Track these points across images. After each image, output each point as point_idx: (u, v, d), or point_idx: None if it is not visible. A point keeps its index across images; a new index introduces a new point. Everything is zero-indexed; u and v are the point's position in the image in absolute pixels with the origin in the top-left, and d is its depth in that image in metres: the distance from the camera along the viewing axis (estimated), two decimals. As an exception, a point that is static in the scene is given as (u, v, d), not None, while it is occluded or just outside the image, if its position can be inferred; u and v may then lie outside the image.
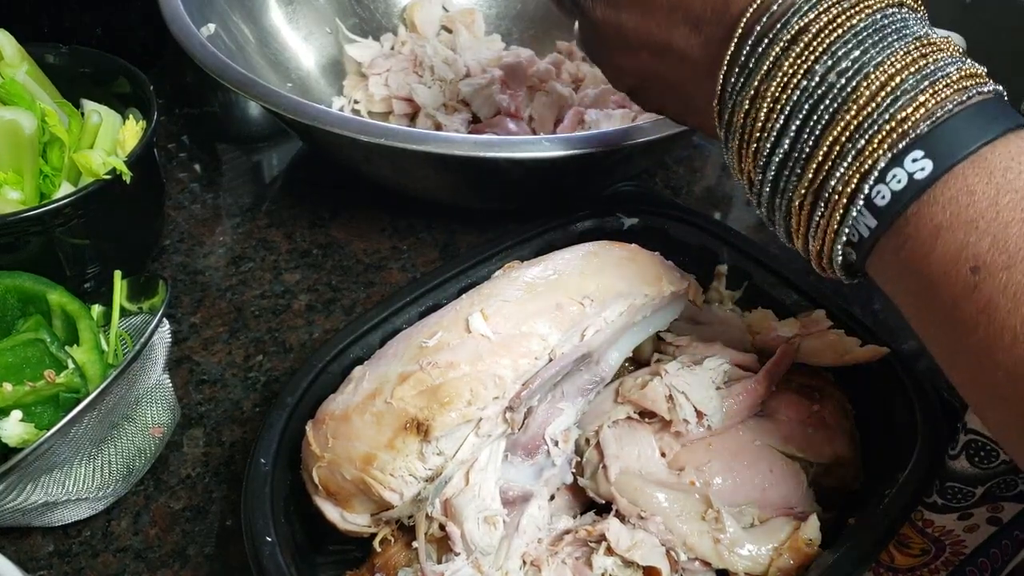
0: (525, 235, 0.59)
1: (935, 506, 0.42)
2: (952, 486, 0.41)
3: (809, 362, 0.52)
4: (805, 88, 0.35)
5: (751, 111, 0.37)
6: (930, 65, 0.33)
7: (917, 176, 0.32)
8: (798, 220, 0.37)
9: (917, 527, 0.43)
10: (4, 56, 0.62)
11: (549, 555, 0.45)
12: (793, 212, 0.37)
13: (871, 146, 0.33)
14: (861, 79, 0.34)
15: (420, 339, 0.46)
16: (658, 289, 0.50)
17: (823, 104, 0.34)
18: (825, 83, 0.34)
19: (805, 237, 0.37)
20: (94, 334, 0.53)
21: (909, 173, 0.32)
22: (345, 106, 0.83)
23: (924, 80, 0.33)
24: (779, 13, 0.36)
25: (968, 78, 0.33)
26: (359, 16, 0.88)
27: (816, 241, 0.36)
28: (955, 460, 0.40)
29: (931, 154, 0.32)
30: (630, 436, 0.48)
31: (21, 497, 0.47)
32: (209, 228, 0.73)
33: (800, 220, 0.37)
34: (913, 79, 0.33)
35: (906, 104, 0.33)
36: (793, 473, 0.48)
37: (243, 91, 0.63)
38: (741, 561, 0.44)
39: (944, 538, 0.42)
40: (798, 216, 0.37)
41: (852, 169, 0.34)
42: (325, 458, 0.45)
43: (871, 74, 0.34)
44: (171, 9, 0.69)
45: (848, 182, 0.34)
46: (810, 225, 0.36)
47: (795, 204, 0.36)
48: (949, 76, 0.33)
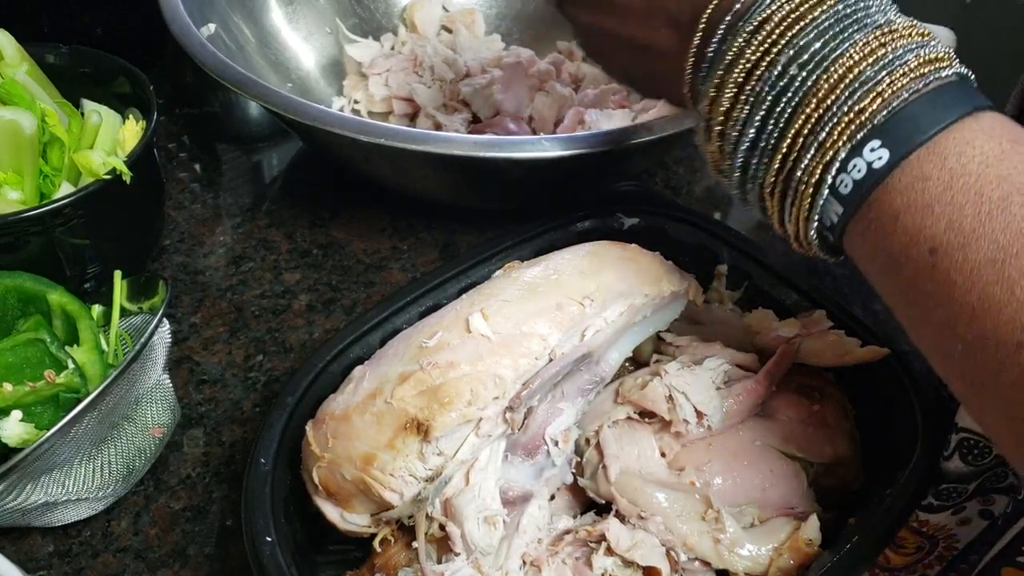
0: (525, 235, 0.59)
1: (930, 507, 0.42)
2: (947, 488, 0.41)
3: (809, 362, 0.52)
4: (767, 79, 0.36)
5: (716, 100, 0.38)
6: (889, 54, 0.34)
7: (875, 165, 0.33)
8: (771, 206, 0.38)
9: (912, 528, 0.43)
10: (4, 56, 0.62)
11: (549, 555, 0.45)
12: (765, 198, 0.38)
13: (832, 137, 0.34)
14: (821, 72, 0.35)
15: (420, 339, 0.46)
16: (658, 289, 0.50)
17: (785, 97, 0.36)
18: (787, 75, 0.36)
19: (780, 221, 0.38)
20: (94, 334, 0.53)
21: (868, 163, 0.34)
22: (345, 106, 0.83)
23: (882, 70, 0.34)
24: (744, 6, 0.37)
25: (927, 64, 0.34)
26: (359, 16, 0.88)
27: (791, 225, 0.38)
28: (948, 461, 0.40)
29: (888, 143, 0.33)
30: (630, 436, 0.48)
31: (21, 497, 0.47)
32: (209, 228, 0.73)
33: (772, 206, 0.38)
34: (871, 70, 0.34)
35: (864, 95, 0.34)
36: (793, 473, 0.48)
37: (243, 91, 0.63)
38: (741, 561, 0.44)
39: (937, 534, 0.42)
40: (770, 202, 0.38)
41: (815, 160, 0.35)
42: (325, 458, 0.45)
43: (830, 67, 0.35)
44: (171, 9, 0.69)
45: (812, 172, 0.35)
46: (782, 210, 0.38)
47: (766, 191, 0.38)
48: (907, 64, 0.34)
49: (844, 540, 0.43)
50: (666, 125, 0.62)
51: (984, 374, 0.31)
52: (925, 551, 0.43)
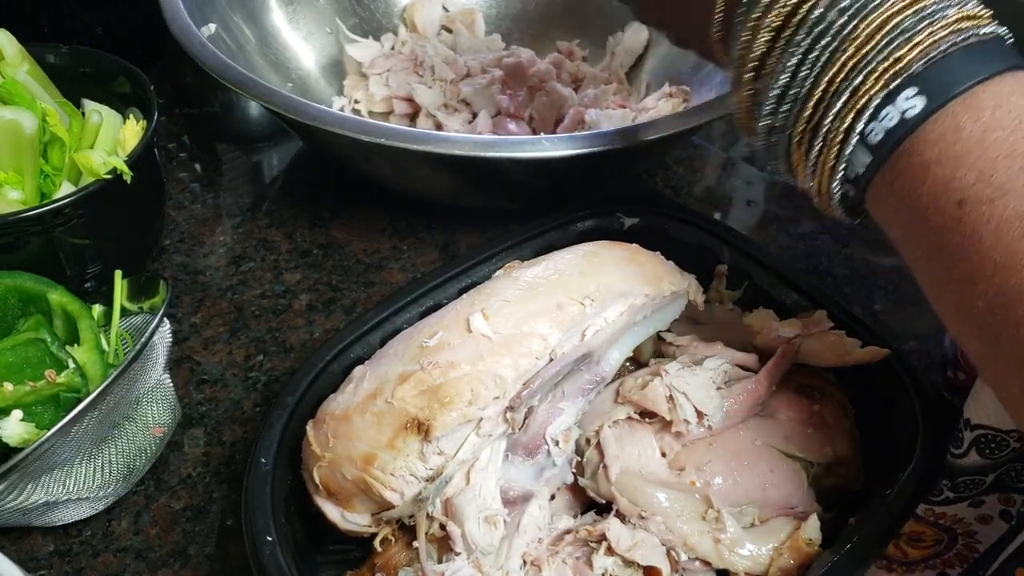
0: (525, 235, 0.59)
1: (947, 500, 0.42)
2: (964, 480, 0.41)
3: (810, 363, 0.52)
4: (805, 23, 0.36)
5: (750, 44, 0.38)
6: (929, 6, 0.34)
7: (909, 114, 0.33)
8: (797, 156, 0.38)
9: (928, 521, 0.43)
10: (5, 56, 0.62)
11: (549, 555, 0.45)
12: (793, 149, 0.38)
13: (867, 84, 0.34)
14: (860, 20, 0.34)
15: (420, 339, 0.46)
16: (658, 289, 0.50)
17: (822, 42, 0.35)
18: (825, 20, 0.35)
19: (805, 175, 0.38)
20: (95, 334, 0.53)
21: (902, 111, 0.33)
22: (345, 106, 0.83)
23: (922, 21, 0.34)
24: None
25: (966, 19, 0.34)
26: (359, 16, 0.88)
27: (815, 178, 0.37)
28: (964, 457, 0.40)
29: (924, 92, 0.33)
30: (630, 436, 0.48)
31: (22, 497, 0.47)
32: (209, 228, 0.73)
33: (799, 157, 0.38)
34: (911, 19, 0.34)
35: (902, 44, 0.34)
36: (793, 473, 0.48)
37: (243, 91, 0.63)
38: (741, 561, 0.45)
39: (956, 527, 0.42)
40: (797, 152, 0.38)
41: (848, 107, 0.35)
42: (326, 458, 0.45)
43: (870, 15, 0.34)
44: (171, 9, 0.69)
45: (843, 119, 0.35)
46: (808, 162, 0.37)
47: (794, 141, 0.37)
48: (947, 16, 0.34)
49: (844, 540, 0.43)
50: (667, 125, 0.62)
51: (1004, 329, 0.31)
52: (944, 544, 0.43)
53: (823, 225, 0.74)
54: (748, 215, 0.77)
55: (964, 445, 0.40)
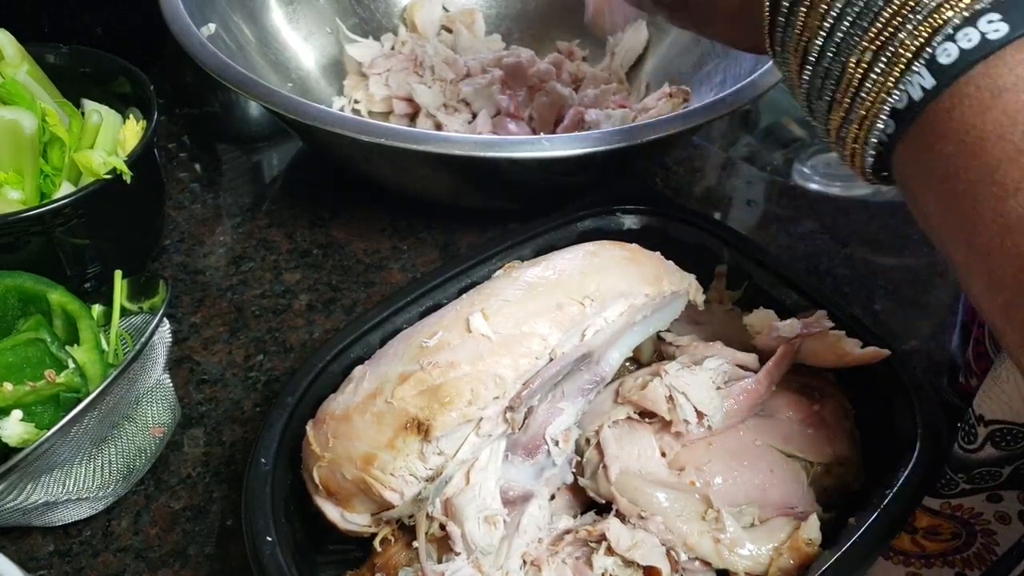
0: (525, 235, 0.59)
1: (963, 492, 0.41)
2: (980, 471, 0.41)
3: (809, 363, 0.52)
4: None
5: None
6: None
7: (990, 36, 0.32)
8: (848, 83, 0.36)
9: (944, 514, 0.42)
10: (5, 56, 0.62)
11: (549, 555, 0.45)
12: (846, 75, 0.36)
13: (948, 3, 0.33)
14: None
15: (420, 339, 0.46)
16: (658, 289, 0.50)
17: None
18: None
19: (850, 105, 0.36)
20: (94, 334, 0.53)
21: (982, 33, 0.32)
22: (345, 106, 0.83)
23: None
24: None
25: None
26: (359, 16, 0.88)
27: (861, 107, 0.36)
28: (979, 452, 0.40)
29: (1007, 19, 0.32)
30: (630, 436, 0.48)
31: (21, 497, 0.47)
32: (209, 228, 0.73)
33: (851, 83, 0.36)
34: None
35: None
36: (793, 473, 0.48)
37: (243, 91, 0.63)
38: (741, 561, 0.44)
39: (973, 521, 0.42)
40: (850, 78, 0.36)
41: (925, 24, 0.33)
42: (325, 458, 0.45)
43: None
44: (171, 9, 0.69)
45: (917, 36, 0.33)
46: (861, 87, 0.35)
47: (852, 61, 0.36)
48: None
49: (844, 540, 0.43)
50: (667, 125, 0.62)
51: None
52: (962, 540, 0.43)
53: (823, 225, 0.74)
54: (748, 215, 0.77)
55: (978, 440, 0.40)
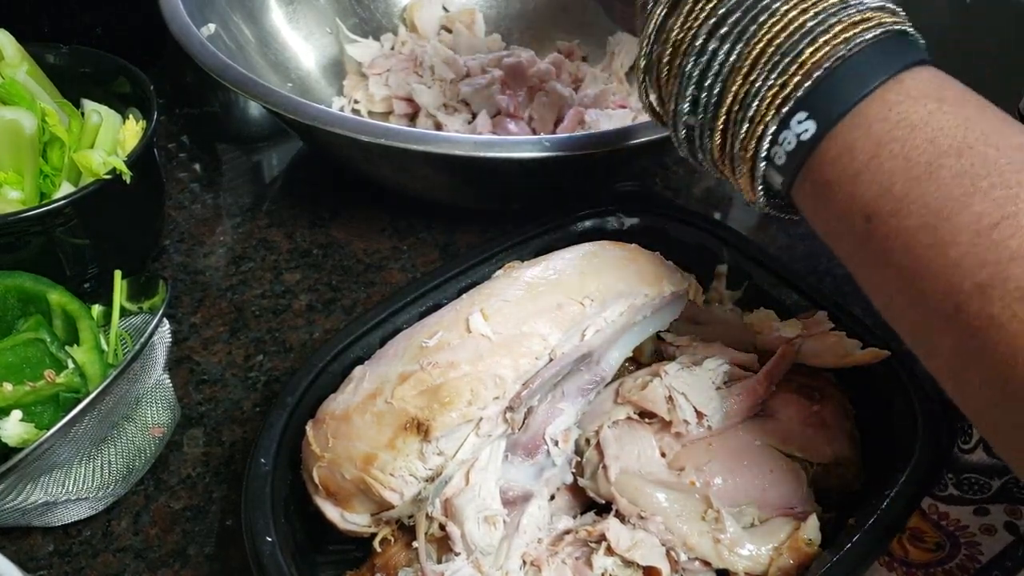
0: (525, 235, 0.59)
1: (951, 498, 0.41)
2: (969, 477, 0.41)
3: (810, 363, 0.52)
4: (690, 53, 0.36)
5: (656, 73, 0.39)
6: (809, 21, 0.33)
7: (803, 137, 0.33)
8: (720, 171, 0.39)
9: (932, 520, 0.43)
10: (4, 56, 0.62)
11: (549, 555, 0.45)
12: (717, 166, 0.39)
13: (760, 112, 0.34)
14: (743, 46, 0.34)
15: (420, 339, 0.46)
16: (658, 289, 0.50)
17: (711, 72, 0.35)
18: (707, 51, 0.35)
19: (737, 186, 0.39)
20: (94, 334, 0.53)
21: (796, 135, 0.33)
22: (345, 106, 0.83)
23: (803, 39, 0.33)
24: None
25: (852, 27, 0.33)
26: (359, 16, 0.88)
27: (745, 192, 0.38)
28: (971, 453, 0.40)
29: (813, 115, 0.33)
30: (630, 436, 0.48)
31: (21, 497, 0.47)
32: (209, 228, 0.73)
33: (725, 173, 0.39)
34: (792, 39, 0.33)
35: (787, 67, 0.33)
36: (793, 473, 0.48)
37: (243, 91, 0.63)
38: (741, 561, 0.44)
39: (959, 534, 0.42)
40: (722, 169, 0.39)
41: (748, 135, 0.35)
42: (325, 458, 0.45)
43: (751, 40, 0.34)
44: (171, 9, 0.69)
45: (747, 147, 0.35)
46: (734, 176, 0.38)
47: (716, 161, 0.38)
48: (830, 30, 0.33)
49: (844, 540, 0.43)
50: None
51: (927, 335, 0.31)
52: (946, 552, 0.43)
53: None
54: (748, 215, 0.76)
55: (972, 441, 0.40)
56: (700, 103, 0.37)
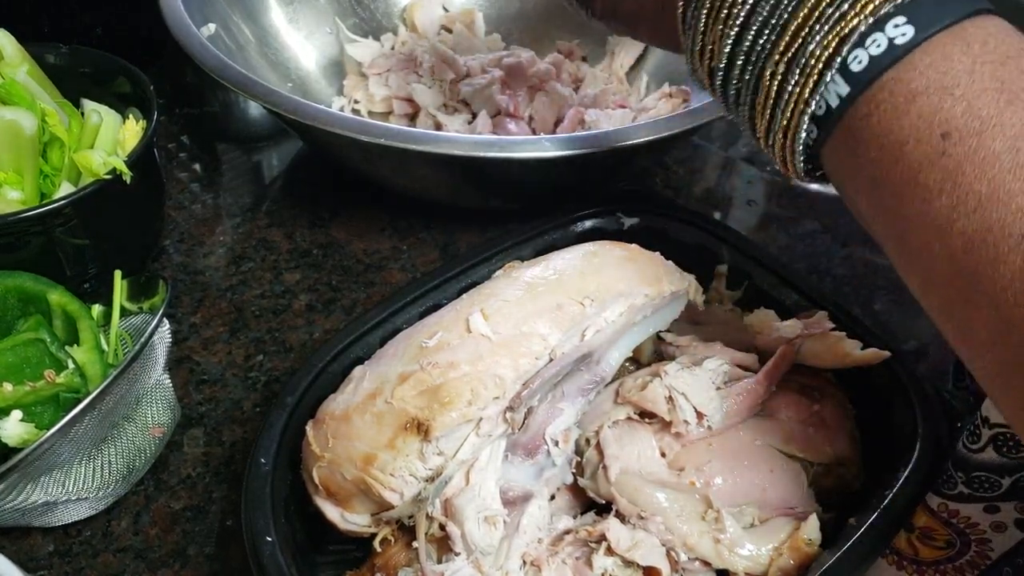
0: (525, 235, 0.59)
1: (961, 496, 0.41)
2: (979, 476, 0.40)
3: (810, 364, 0.52)
4: None
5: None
6: None
7: (898, 41, 0.32)
8: (767, 94, 0.36)
9: (942, 518, 0.42)
10: (4, 56, 0.62)
11: (549, 555, 0.45)
12: (763, 86, 0.36)
13: (853, 10, 0.33)
14: None
15: (420, 339, 0.46)
16: (658, 289, 0.50)
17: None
18: None
19: (772, 114, 0.36)
20: (94, 334, 0.53)
21: (890, 38, 0.32)
22: (345, 106, 0.83)
23: None
24: None
25: None
26: (359, 16, 0.88)
27: (783, 118, 0.36)
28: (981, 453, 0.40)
29: (913, 21, 0.32)
30: (630, 436, 0.48)
31: (21, 497, 0.47)
32: (209, 228, 0.73)
33: (769, 94, 0.36)
34: None
35: None
36: (793, 473, 0.48)
37: (243, 91, 0.63)
38: (741, 561, 0.44)
39: (969, 531, 0.42)
40: (767, 89, 0.36)
41: (832, 33, 0.33)
42: (325, 458, 0.45)
43: None
44: (171, 9, 0.69)
45: (827, 46, 0.33)
46: (779, 98, 0.36)
47: (766, 74, 0.36)
48: None
49: (844, 540, 0.43)
50: (667, 125, 0.62)
51: (983, 268, 0.30)
52: (956, 549, 0.43)
53: (823, 225, 0.74)
54: (748, 215, 0.77)
55: (981, 441, 0.40)
56: (782, 2, 0.35)
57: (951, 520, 0.42)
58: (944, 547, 0.43)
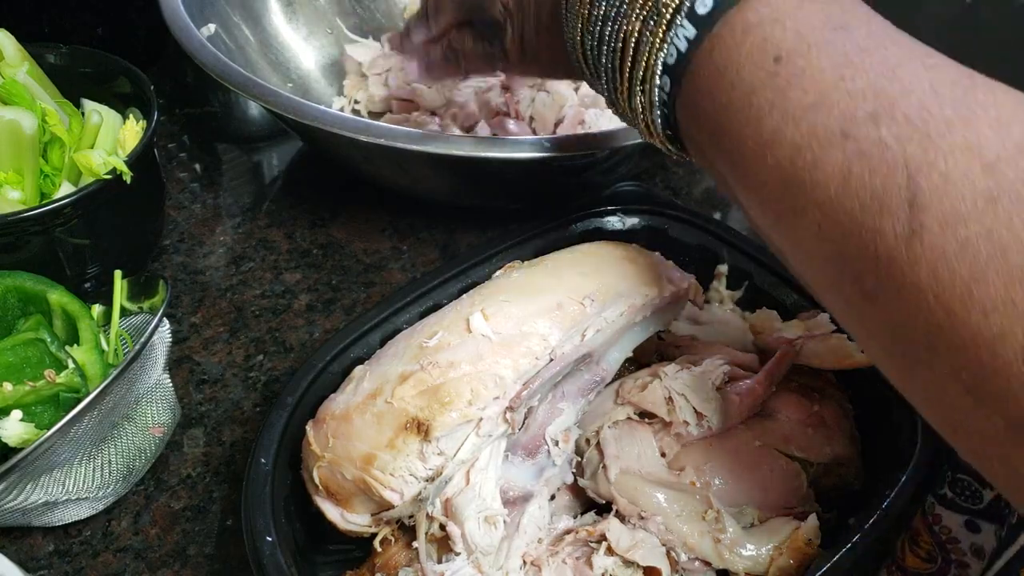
0: (525, 235, 0.59)
1: (944, 499, 0.41)
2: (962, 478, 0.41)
3: (810, 364, 0.52)
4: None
5: None
6: None
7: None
8: (625, 51, 0.39)
9: (927, 521, 0.43)
10: (5, 56, 0.62)
11: (549, 555, 0.45)
12: (625, 44, 0.39)
13: None
14: None
15: (420, 339, 0.46)
16: (658, 289, 0.50)
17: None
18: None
19: (631, 74, 0.40)
20: (94, 334, 0.53)
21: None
22: (345, 106, 0.83)
23: None
24: None
25: None
26: (359, 16, 0.88)
27: (639, 72, 0.39)
28: None
29: None
30: (630, 436, 0.48)
31: (21, 497, 0.47)
32: (209, 228, 0.73)
33: (627, 50, 0.39)
34: None
35: None
36: (793, 473, 0.48)
37: (243, 91, 0.63)
38: (741, 561, 0.45)
39: (950, 547, 0.42)
40: (627, 45, 0.39)
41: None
42: (325, 458, 0.45)
43: None
44: (171, 9, 0.69)
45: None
46: (636, 53, 0.39)
47: (625, 30, 0.39)
48: None
49: (844, 540, 0.43)
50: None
51: (805, 173, 0.32)
52: (937, 566, 0.43)
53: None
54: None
55: None
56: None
57: (933, 527, 0.42)
58: (926, 559, 0.43)
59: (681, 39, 0.36)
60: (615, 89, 0.42)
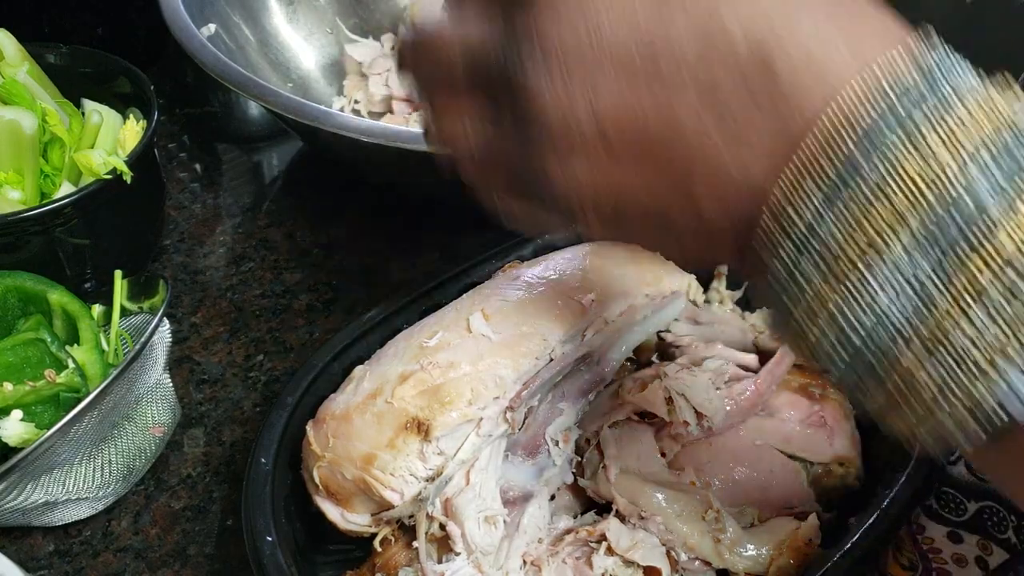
0: (525, 235, 0.59)
1: (928, 510, 0.42)
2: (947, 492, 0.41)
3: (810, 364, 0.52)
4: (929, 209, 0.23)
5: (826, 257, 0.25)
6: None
7: None
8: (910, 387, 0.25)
9: (911, 530, 0.43)
10: (5, 56, 0.62)
11: (549, 555, 0.45)
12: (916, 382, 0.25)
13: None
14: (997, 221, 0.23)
15: (421, 339, 0.46)
16: (658, 289, 0.50)
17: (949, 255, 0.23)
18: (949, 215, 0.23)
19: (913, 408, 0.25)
20: (94, 334, 0.53)
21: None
22: (345, 106, 0.82)
23: None
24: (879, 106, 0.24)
25: None
26: (359, 16, 0.88)
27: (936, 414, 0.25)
28: (953, 466, 0.40)
29: None
30: (630, 436, 0.48)
31: (22, 496, 0.47)
32: (209, 228, 0.73)
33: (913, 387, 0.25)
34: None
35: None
36: (793, 473, 0.48)
37: (243, 91, 0.63)
38: (741, 561, 0.44)
39: (932, 557, 0.42)
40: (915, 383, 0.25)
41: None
42: (326, 458, 0.45)
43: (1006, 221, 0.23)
44: (171, 9, 0.69)
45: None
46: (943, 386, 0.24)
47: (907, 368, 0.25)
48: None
49: (844, 540, 0.43)
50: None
51: None
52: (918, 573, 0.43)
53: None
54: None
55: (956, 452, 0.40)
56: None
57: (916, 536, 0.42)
58: (907, 567, 0.43)
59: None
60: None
